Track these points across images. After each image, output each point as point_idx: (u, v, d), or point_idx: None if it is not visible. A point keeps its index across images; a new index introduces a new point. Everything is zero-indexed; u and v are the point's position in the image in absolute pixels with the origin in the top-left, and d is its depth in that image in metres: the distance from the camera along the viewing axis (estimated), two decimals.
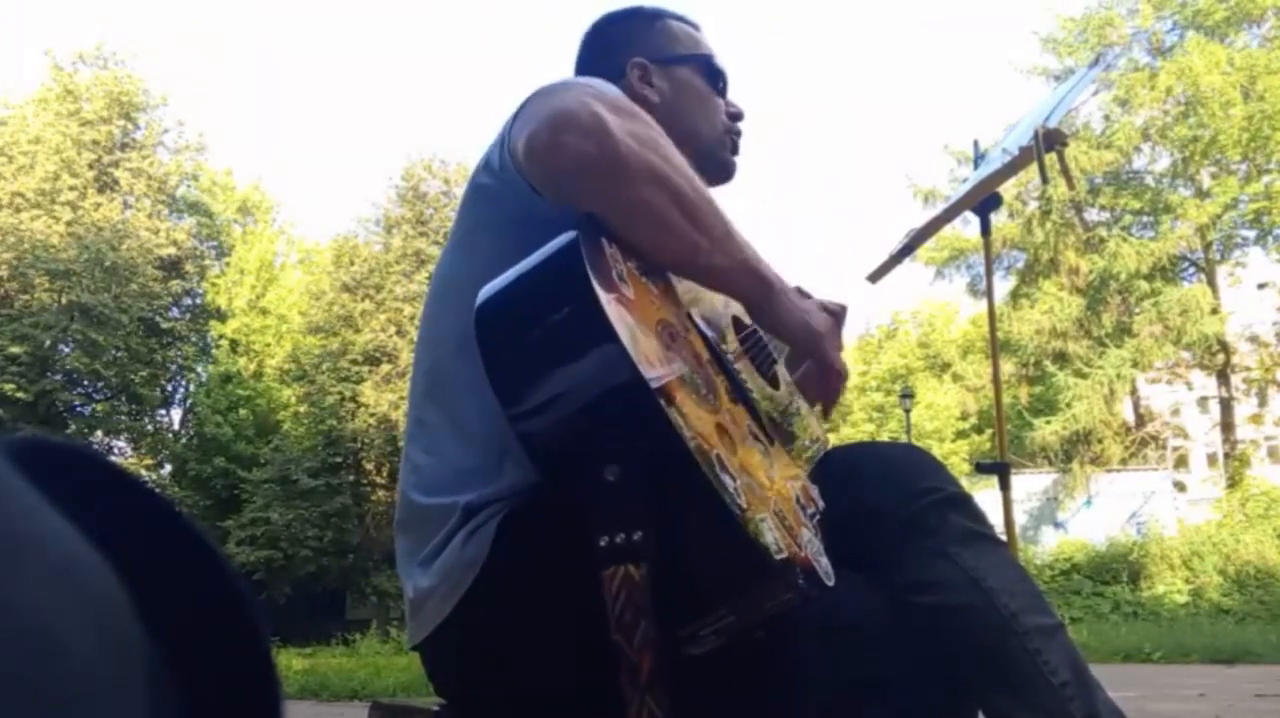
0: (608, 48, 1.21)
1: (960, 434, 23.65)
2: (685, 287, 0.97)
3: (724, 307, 1.07)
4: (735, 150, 1.24)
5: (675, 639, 0.73)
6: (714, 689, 0.83)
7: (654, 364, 0.71)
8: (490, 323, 0.75)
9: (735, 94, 1.27)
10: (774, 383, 1.09)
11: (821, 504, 0.91)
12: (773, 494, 0.79)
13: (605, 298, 0.71)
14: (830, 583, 0.78)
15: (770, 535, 0.71)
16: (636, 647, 0.69)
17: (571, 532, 0.73)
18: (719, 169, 1.21)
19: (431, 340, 1.01)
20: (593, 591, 0.71)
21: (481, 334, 0.74)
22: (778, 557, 0.70)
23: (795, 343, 0.98)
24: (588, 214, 0.82)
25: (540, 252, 0.77)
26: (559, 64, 1.27)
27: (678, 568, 0.70)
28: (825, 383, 1.02)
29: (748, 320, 1.11)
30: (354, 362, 20.44)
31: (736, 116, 1.23)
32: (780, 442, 0.96)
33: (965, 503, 0.94)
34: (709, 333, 0.92)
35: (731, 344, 1.01)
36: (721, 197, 0.95)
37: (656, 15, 1.22)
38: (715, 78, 1.21)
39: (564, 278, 0.73)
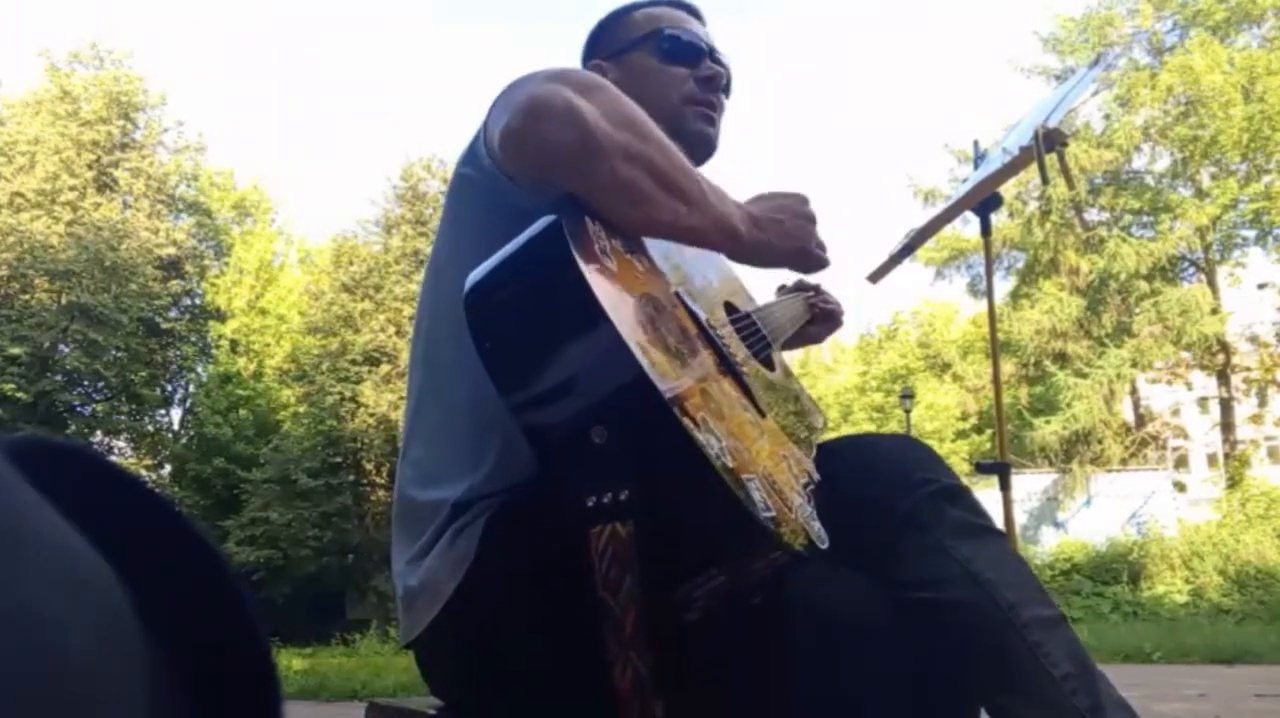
0: (583, 57, 1.24)
1: (960, 434, 23.64)
2: (680, 276, 0.97)
3: (715, 290, 1.07)
4: (709, 120, 1.20)
5: (670, 603, 0.73)
6: (711, 679, 0.83)
7: (636, 330, 0.72)
8: (478, 305, 0.76)
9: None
10: (769, 366, 1.09)
11: (817, 477, 0.91)
12: (762, 460, 0.79)
13: (587, 268, 0.72)
14: (824, 546, 0.78)
15: (758, 494, 0.72)
16: (622, 602, 0.70)
17: (558, 529, 0.73)
18: (692, 142, 1.17)
19: (425, 332, 1.02)
20: (581, 586, 0.71)
21: (471, 318, 0.76)
22: (765, 514, 0.71)
23: (786, 266, 1.01)
24: (568, 195, 0.83)
25: (524, 233, 0.78)
26: (558, 64, 1.28)
27: (666, 527, 0.71)
28: (811, 268, 1.05)
29: (740, 306, 1.11)
30: (353, 362, 20.43)
31: (706, 80, 1.18)
32: (773, 418, 0.96)
33: (962, 495, 0.93)
34: (698, 311, 0.93)
35: (723, 328, 1.02)
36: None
37: (622, 11, 1.23)
38: (672, 49, 1.18)
39: (547, 254, 0.75)
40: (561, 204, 0.80)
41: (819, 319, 1.47)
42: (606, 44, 1.22)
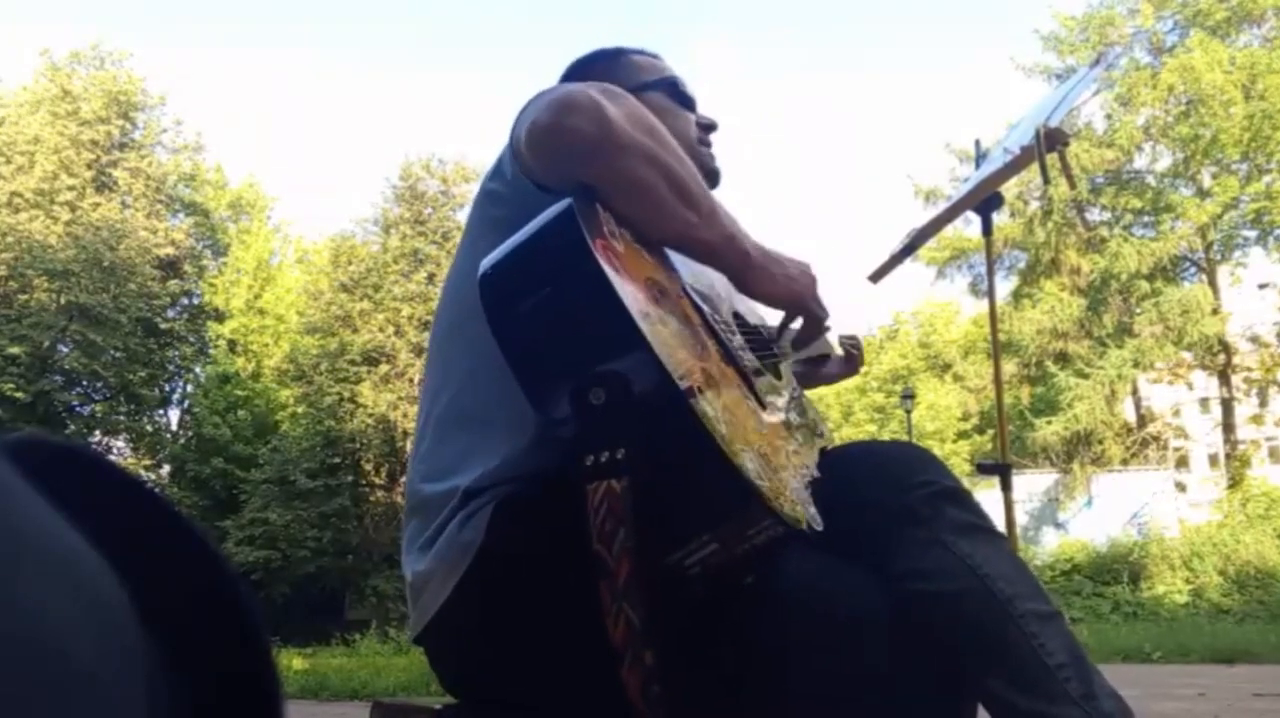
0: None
1: (961, 435, 23.66)
2: (691, 277, 0.98)
3: (724, 300, 1.07)
4: (713, 159, 1.30)
5: (663, 570, 0.75)
6: (696, 660, 0.84)
7: (640, 303, 0.76)
8: (493, 283, 0.80)
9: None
10: (776, 375, 1.09)
11: (816, 473, 0.93)
12: (757, 440, 0.81)
13: (595, 244, 0.76)
14: (819, 528, 0.80)
15: (751, 465, 0.73)
16: (615, 554, 0.72)
17: (566, 514, 0.75)
18: (702, 174, 1.24)
19: (444, 336, 1.06)
20: (589, 571, 0.73)
21: (485, 296, 0.79)
22: (758, 482, 0.72)
23: (781, 308, 1.05)
24: (583, 184, 0.86)
25: (536, 219, 0.82)
26: (557, 64, 1.29)
27: (660, 488, 0.73)
28: (811, 331, 1.11)
29: (750, 320, 1.12)
30: (352, 362, 20.44)
31: (708, 127, 1.31)
32: (773, 412, 0.97)
33: (961, 496, 0.94)
34: (703, 307, 0.94)
35: (727, 329, 1.02)
36: (721, 197, 0.98)
37: (618, 52, 1.30)
38: (682, 98, 1.28)
39: (559, 232, 0.79)
40: (576, 192, 0.84)
41: (837, 359, 1.50)
42: (617, 82, 1.23)
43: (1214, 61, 16.36)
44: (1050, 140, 2.00)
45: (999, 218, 2.57)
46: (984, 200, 2.20)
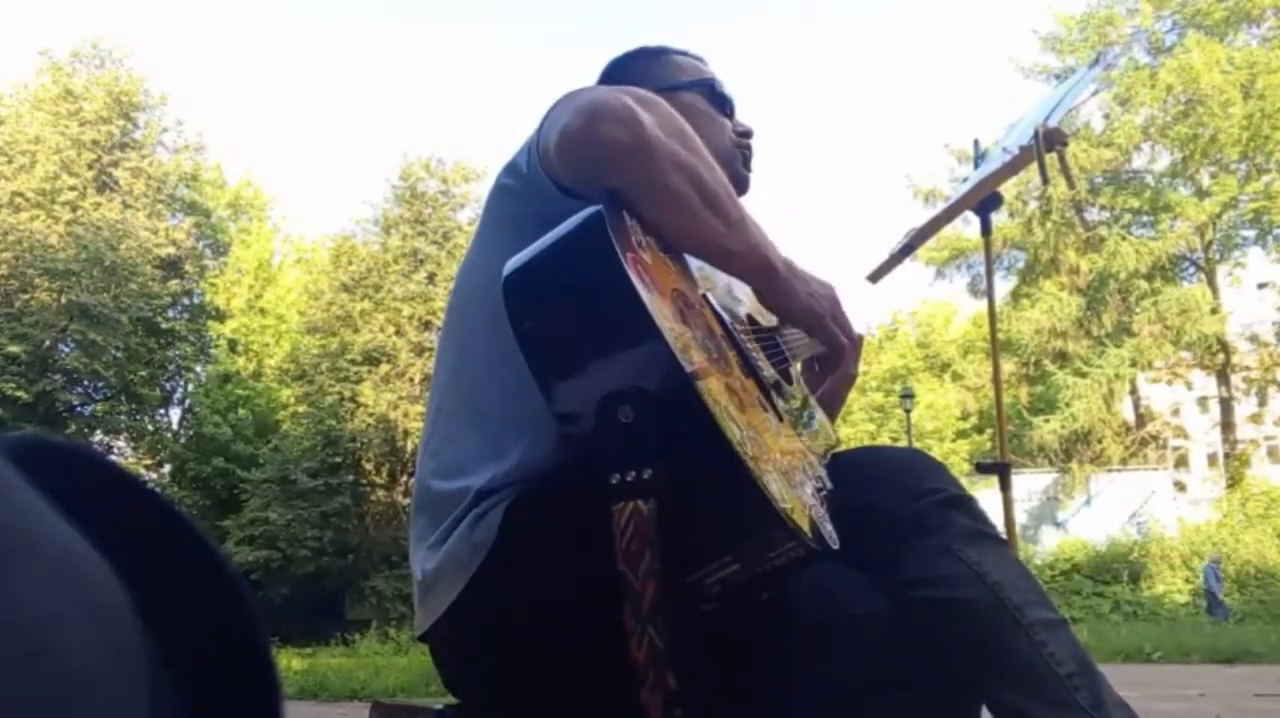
0: (618, 84, 1.25)
1: (960, 434, 23.65)
2: (708, 283, 0.99)
3: (737, 303, 1.08)
4: (747, 165, 1.29)
5: (684, 589, 0.75)
6: (712, 678, 0.83)
7: (668, 319, 0.75)
8: (518, 286, 0.79)
9: (741, 98, 1.30)
10: (787, 380, 1.10)
11: (829, 485, 0.93)
12: (778, 458, 0.81)
13: (624, 256, 0.75)
14: (835, 547, 0.80)
15: (774, 486, 0.73)
16: (641, 576, 0.72)
17: (580, 515, 0.75)
18: (733, 181, 1.23)
19: (456, 332, 1.05)
20: (600, 572, 0.73)
21: (509, 298, 0.78)
22: (782, 505, 0.72)
23: (800, 324, 1.05)
24: (610, 193, 0.86)
25: (565, 222, 0.81)
26: (556, 64, 1.29)
27: (684, 510, 0.73)
28: (834, 360, 1.12)
29: (762, 322, 1.13)
30: (353, 361, 20.44)
31: (746, 134, 1.30)
32: (790, 424, 0.97)
33: (967, 503, 0.94)
34: (724, 315, 0.95)
35: (746, 335, 1.03)
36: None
37: (661, 51, 1.30)
38: (720, 101, 1.27)
39: (587, 240, 0.78)
40: (603, 199, 0.83)
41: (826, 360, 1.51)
42: (655, 79, 1.25)
43: (1212, 61, 16.37)
44: (1049, 140, 2.01)
45: (998, 218, 2.58)
46: (983, 200, 2.20)
